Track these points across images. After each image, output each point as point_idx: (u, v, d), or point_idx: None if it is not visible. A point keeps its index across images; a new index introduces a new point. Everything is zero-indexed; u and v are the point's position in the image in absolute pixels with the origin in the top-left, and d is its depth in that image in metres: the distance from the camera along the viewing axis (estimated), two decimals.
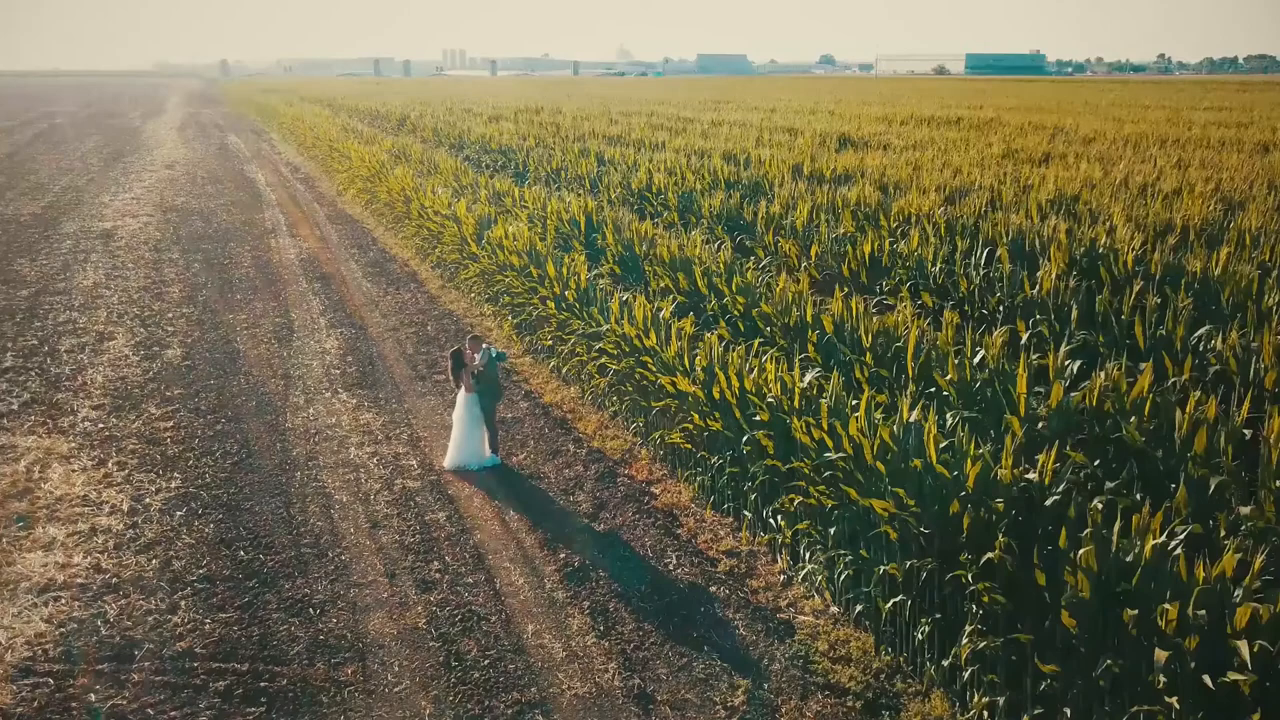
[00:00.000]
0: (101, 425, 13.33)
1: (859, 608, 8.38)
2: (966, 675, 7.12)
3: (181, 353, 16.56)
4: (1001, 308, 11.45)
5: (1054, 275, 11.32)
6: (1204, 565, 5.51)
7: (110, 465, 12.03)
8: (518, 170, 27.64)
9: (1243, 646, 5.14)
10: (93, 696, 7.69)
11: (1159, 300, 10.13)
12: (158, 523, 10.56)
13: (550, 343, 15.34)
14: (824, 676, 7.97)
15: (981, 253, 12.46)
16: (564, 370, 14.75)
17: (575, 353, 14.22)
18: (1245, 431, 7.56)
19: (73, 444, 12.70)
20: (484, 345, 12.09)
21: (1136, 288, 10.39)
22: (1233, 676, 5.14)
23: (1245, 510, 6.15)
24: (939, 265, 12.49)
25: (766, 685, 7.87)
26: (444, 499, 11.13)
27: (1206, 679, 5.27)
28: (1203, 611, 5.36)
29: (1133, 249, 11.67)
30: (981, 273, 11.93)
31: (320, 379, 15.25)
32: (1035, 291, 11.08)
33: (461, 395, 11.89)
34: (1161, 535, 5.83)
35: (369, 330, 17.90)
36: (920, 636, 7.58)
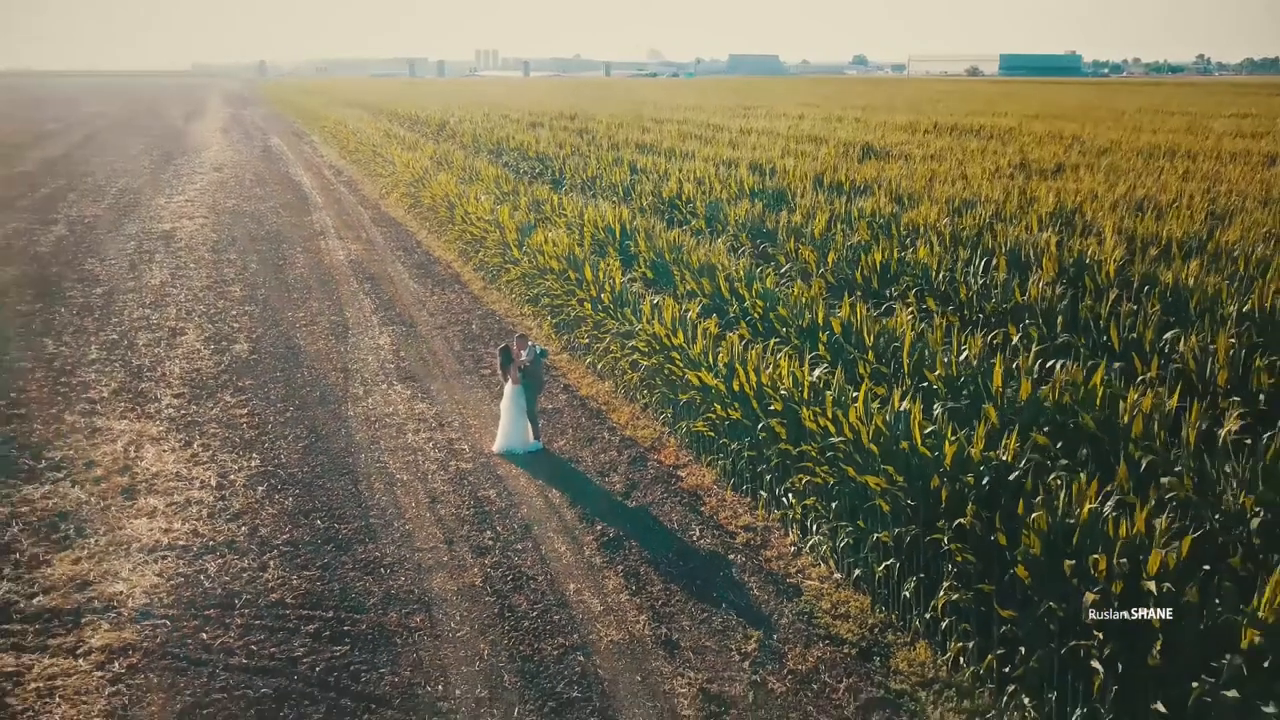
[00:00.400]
0: (184, 411, 14.82)
1: (857, 572, 9.66)
2: (944, 625, 8.38)
3: (248, 347, 18.06)
4: (997, 312, 12.67)
5: (1043, 283, 12.54)
6: (1126, 525, 6.73)
7: (196, 446, 13.51)
8: (554, 177, 29.01)
9: (1152, 586, 6.36)
10: (204, 635, 9.12)
11: (1134, 307, 11.32)
12: (243, 496, 12.00)
13: (587, 341, 16.69)
14: (825, 630, 9.25)
15: (980, 262, 13.70)
16: (599, 366, 16.09)
17: (610, 350, 15.57)
18: (1206, 426, 8.76)
19: (161, 428, 14.19)
20: (529, 343, 13.46)
21: (1113, 296, 11.58)
22: (1143, 612, 6.38)
23: (1166, 481, 7.37)
24: (942, 273, 13.72)
25: (775, 636, 9.16)
26: (494, 478, 12.51)
27: (1125, 614, 6.51)
28: (1124, 560, 6.58)
29: (1115, 260, 12.84)
30: (980, 280, 13.15)
31: (376, 372, 16.68)
32: (1025, 298, 12.30)
33: (509, 387, 13.26)
34: (1096, 501, 7.07)
35: (418, 328, 19.34)
36: (907, 594, 8.84)
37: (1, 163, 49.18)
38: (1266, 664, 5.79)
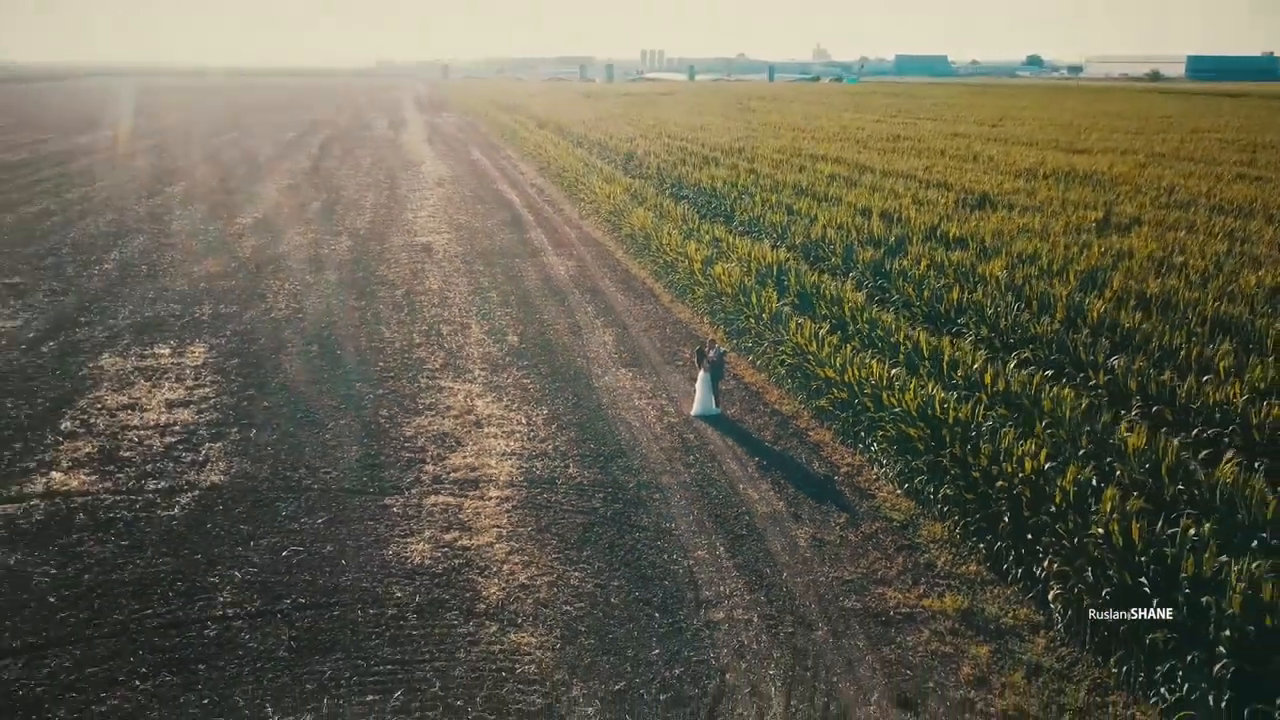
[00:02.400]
0: (490, 379, 23.07)
1: (906, 486, 16.83)
2: (945, 509, 15.51)
3: (517, 340, 26.30)
4: (1021, 340, 19.50)
5: (1056, 321, 19.28)
6: (1021, 446, 13.77)
7: (505, 400, 21.68)
8: (727, 213, 36.57)
9: (1022, 472, 13.40)
10: (545, 495, 17.07)
11: (1095, 339, 18.00)
12: (543, 429, 20.04)
13: (750, 344, 24.16)
14: (885, 515, 16.46)
15: (1016, 305, 20.48)
16: (758, 363, 23.55)
17: (766, 352, 23.00)
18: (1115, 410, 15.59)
19: (479, 388, 22.46)
20: (715, 345, 21.08)
21: (1085, 332, 18.28)
22: (1021, 484, 13.41)
23: (1050, 430, 14.32)
24: (991, 310, 20.57)
25: (856, 516, 16.42)
26: (692, 429, 20.17)
27: (1014, 490, 13.55)
28: (1021, 459, 13.62)
29: (1098, 311, 19.43)
30: (1011, 317, 20.00)
31: (605, 360, 24.60)
32: (1038, 331, 19.10)
33: (701, 374, 20.89)
34: (1016, 439, 14.11)
35: (630, 330, 27.24)
36: (930, 494, 15.99)
37: (269, 178, 60.24)
38: (1066, 503, 12.78)
